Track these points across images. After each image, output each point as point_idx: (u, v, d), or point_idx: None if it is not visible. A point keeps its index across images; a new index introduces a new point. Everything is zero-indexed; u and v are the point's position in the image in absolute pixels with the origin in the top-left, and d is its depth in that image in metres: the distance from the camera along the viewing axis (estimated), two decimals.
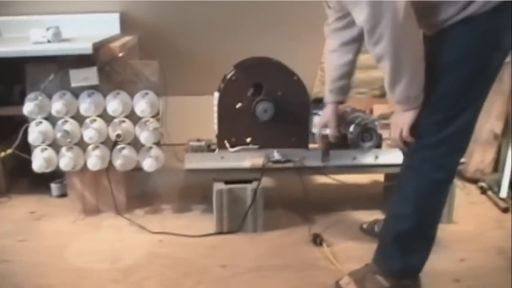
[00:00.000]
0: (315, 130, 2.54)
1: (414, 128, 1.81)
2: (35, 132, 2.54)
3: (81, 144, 2.61)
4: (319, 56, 3.31)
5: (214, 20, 3.17)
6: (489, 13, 1.64)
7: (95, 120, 2.59)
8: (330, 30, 2.18)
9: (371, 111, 3.25)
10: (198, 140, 2.65)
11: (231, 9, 3.06)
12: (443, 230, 2.15)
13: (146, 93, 2.60)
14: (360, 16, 1.64)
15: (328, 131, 2.38)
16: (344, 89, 2.26)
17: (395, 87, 1.73)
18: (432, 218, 1.95)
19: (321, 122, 2.39)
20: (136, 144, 2.65)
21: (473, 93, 1.75)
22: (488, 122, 3.05)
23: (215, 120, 2.60)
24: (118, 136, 2.56)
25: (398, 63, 1.67)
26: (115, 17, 3.06)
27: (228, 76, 2.54)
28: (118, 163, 2.61)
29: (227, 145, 2.56)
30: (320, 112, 2.50)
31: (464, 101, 1.75)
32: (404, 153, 1.94)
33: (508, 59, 1.79)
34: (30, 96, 2.55)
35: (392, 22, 1.59)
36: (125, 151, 2.63)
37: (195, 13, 3.10)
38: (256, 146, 2.55)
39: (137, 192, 2.98)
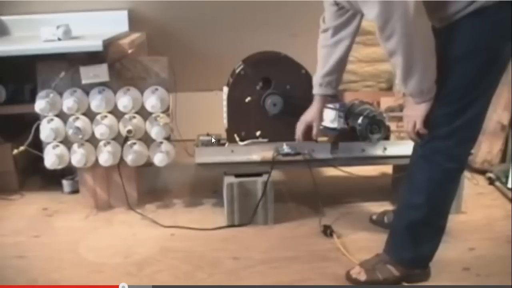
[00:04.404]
0: (324, 123, 2.56)
1: (427, 120, 1.83)
2: (47, 129, 2.56)
3: (93, 141, 2.63)
4: None
5: (222, 16, 3.19)
6: (499, 5, 1.66)
7: (106, 116, 2.61)
8: (326, 26, 2.19)
9: (378, 104, 3.26)
10: (208, 135, 2.67)
11: (238, 5, 3.08)
12: (452, 220, 2.15)
13: (156, 89, 2.62)
14: (371, 12, 1.65)
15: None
16: (333, 83, 2.27)
17: (408, 81, 1.75)
18: (443, 208, 1.98)
19: (306, 119, 2.37)
20: (146, 140, 2.67)
21: (483, 84, 1.78)
22: (496, 113, 3.07)
23: (225, 114, 2.63)
24: (129, 131, 2.58)
25: (410, 57, 1.69)
26: (123, 14, 3.09)
27: (237, 71, 2.56)
28: (129, 158, 2.63)
29: (237, 139, 2.59)
30: (329, 105, 2.52)
31: (475, 92, 1.77)
32: (416, 144, 1.95)
33: None
34: (41, 93, 2.57)
35: (403, 17, 1.61)
36: (136, 147, 2.65)
37: (203, 10, 3.12)
38: (265, 140, 2.58)
39: (148, 187, 3.01)
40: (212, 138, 2.63)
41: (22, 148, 2.62)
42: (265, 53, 2.65)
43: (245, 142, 2.58)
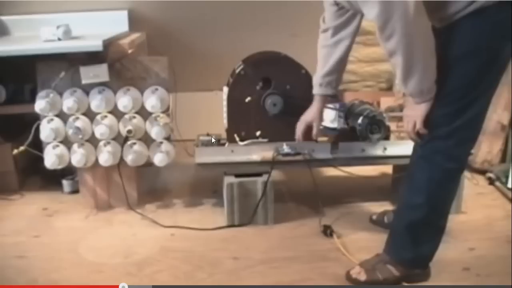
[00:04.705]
0: (324, 123, 2.56)
1: (427, 120, 1.83)
2: (47, 129, 2.56)
3: (93, 141, 2.63)
4: None
5: (222, 16, 3.19)
6: (499, 5, 1.66)
7: (106, 116, 2.61)
8: (326, 26, 2.19)
9: (378, 104, 3.27)
10: (208, 135, 2.67)
11: (238, 5, 3.08)
12: (452, 220, 2.16)
13: (156, 89, 2.62)
14: (371, 12, 1.65)
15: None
16: (333, 83, 2.27)
17: (408, 81, 1.75)
18: (443, 208, 1.98)
19: (306, 119, 2.37)
20: (146, 140, 2.66)
21: (483, 84, 1.78)
22: (496, 113, 3.07)
23: (225, 115, 2.63)
24: (129, 131, 2.58)
25: (410, 57, 1.69)
26: (123, 14, 3.09)
27: (237, 71, 2.56)
28: (129, 158, 2.63)
29: (237, 139, 2.59)
30: (329, 105, 2.52)
31: (475, 93, 1.77)
32: (416, 144, 1.95)
33: None
34: (42, 93, 2.57)
35: (403, 17, 1.61)
36: (136, 147, 2.65)
37: (203, 10, 3.12)
38: (265, 140, 2.58)
39: (148, 187, 3.01)
40: (212, 138, 2.63)
41: (22, 148, 2.62)
42: (265, 53, 2.65)
43: (245, 142, 2.58)
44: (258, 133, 2.59)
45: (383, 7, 1.61)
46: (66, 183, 2.96)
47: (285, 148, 2.50)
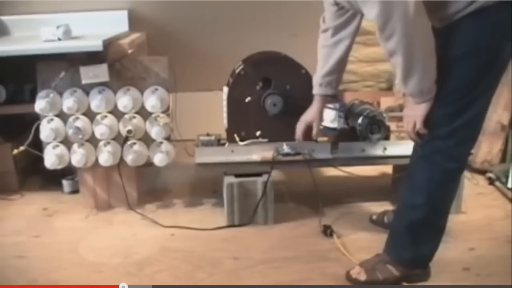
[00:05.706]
0: (324, 123, 2.56)
1: (427, 120, 1.83)
2: (47, 129, 2.56)
3: (93, 141, 2.63)
4: None
5: (222, 16, 3.19)
6: (499, 5, 1.66)
7: (106, 116, 2.61)
8: (326, 26, 2.19)
9: (378, 104, 3.26)
10: (208, 135, 2.67)
11: (238, 5, 3.08)
12: (452, 220, 2.15)
13: (156, 89, 2.62)
14: (371, 12, 1.65)
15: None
16: (333, 83, 2.27)
17: (408, 81, 1.75)
18: (443, 208, 1.98)
19: (306, 119, 2.37)
20: (146, 140, 2.66)
21: (483, 84, 1.78)
22: (496, 113, 3.06)
23: (225, 115, 2.63)
24: (129, 131, 2.57)
25: (410, 57, 1.69)
26: (123, 14, 3.08)
27: (237, 71, 2.56)
28: (129, 158, 2.63)
29: (237, 139, 2.59)
30: (329, 105, 2.52)
31: (475, 93, 1.77)
32: (416, 144, 1.95)
33: None
34: (42, 93, 2.57)
35: (403, 17, 1.61)
36: (136, 147, 2.65)
37: (203, 10, 3.12)
38: (265, 140, 2.58)
39: (148, 187, 3.01)
40: (207, 137, 2.63)
41: (22, 148, 2.62)
42: (265, 53, 2.65)
43: (245, 142, 2.58)
44: (258, 133, 2.59)
45: (383, 7, 1.61)
46: (66, 183, 2.96)
47: (285, 148, 2.50)
